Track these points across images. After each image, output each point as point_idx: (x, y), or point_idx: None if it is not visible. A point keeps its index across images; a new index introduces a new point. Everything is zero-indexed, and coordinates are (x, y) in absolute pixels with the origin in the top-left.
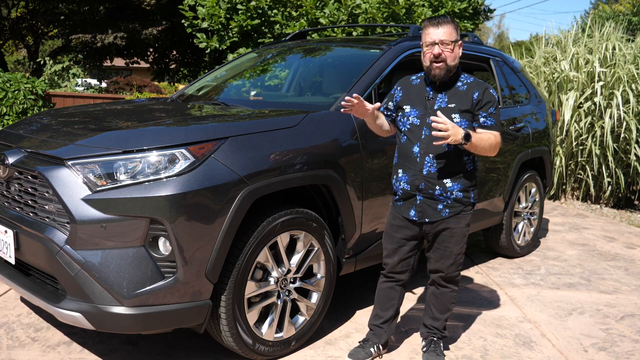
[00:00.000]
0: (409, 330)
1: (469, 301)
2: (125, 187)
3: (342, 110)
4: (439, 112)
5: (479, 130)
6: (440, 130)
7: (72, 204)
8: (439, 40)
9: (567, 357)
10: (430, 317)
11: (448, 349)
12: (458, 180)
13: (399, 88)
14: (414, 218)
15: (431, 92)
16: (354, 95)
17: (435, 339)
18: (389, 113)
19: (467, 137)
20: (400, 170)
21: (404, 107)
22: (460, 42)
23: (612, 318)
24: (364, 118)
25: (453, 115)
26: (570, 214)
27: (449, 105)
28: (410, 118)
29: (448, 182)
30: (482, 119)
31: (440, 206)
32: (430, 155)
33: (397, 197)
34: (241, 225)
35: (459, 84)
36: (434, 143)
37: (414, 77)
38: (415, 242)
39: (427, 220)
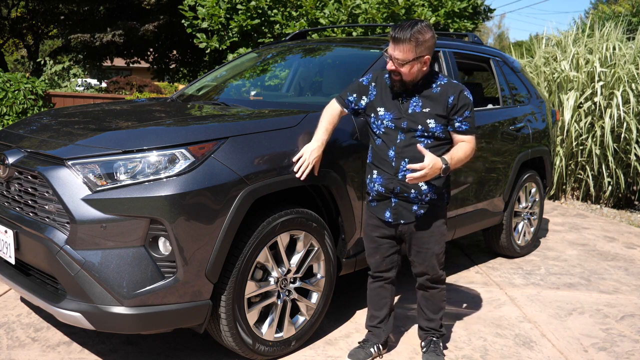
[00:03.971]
0: (409, 330)
1: (469, 301)
2: (125, 187)
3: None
4: (419, 146)
5: (454, 136)
6: (420, 177)
7: (72, 204)
8: (393, 57)
9: (567, 357)
10: (425, 319)
11: (447, 348)
12: (433, 183)
13: (373, 84)
14: (389, 220)
15: (404, 95)
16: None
17: (434, 338)
18: (356, 107)
19: (445, 170)
20: (375, 172)
21: (378, 109)
22: (425, 57)
23: (612, 318)
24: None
25: (428, 121)
26: (570, 214)
27: (424, 110)
28: (384, 122)
29: (423, 185)
30: (457, 124)
31: (415, 207)
32: (406, 159)
33: (370, 197)
34: (241, 225)
35: (433, 85)
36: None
37: (387, 75)
38: (394, 240)
39: (402, 221)
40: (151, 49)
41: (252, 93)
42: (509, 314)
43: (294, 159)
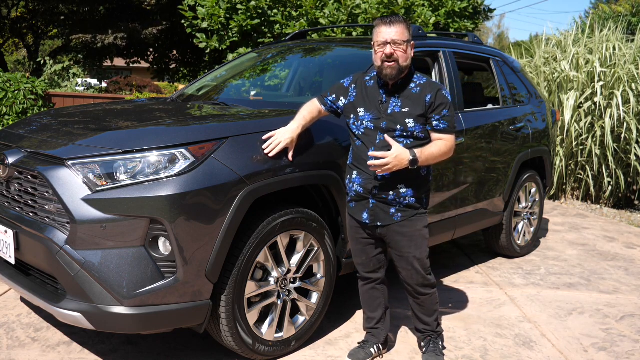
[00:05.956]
0: (409, 330)
1: (469, 301)
2: (125, 187)
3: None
4: (386, 136)
5: (432, 134)
6: (381, 165)
7: (72, 204)
8: (391, 40)
9: (567, 357)
10: (420, 322)
11: (447, 348)
12: (412, 186)
13: (353, 86)
14: (366, 221)
15: (384, 96)
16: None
17: (432, 338)
18: (334, 107)
19: (413, 162)
20: (354, 172)
21: (358, 109)
22: (412, 42)
23: (612, 318)
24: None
25: (407, 120)
26: (570, 214)
27: (403, 110)
28: (364, 122)
29: (402, 188)
30: (434, 122)
31: (392, 210)
32: None
33: (349, 198)
34: (241, 225)
35: (412, 85)
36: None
37: (367, 78)
38: (377, 240)
39: (379, 224)
40: (151, 49)
41: (252, 93)
42: (509, 314)
43: (264, 137)
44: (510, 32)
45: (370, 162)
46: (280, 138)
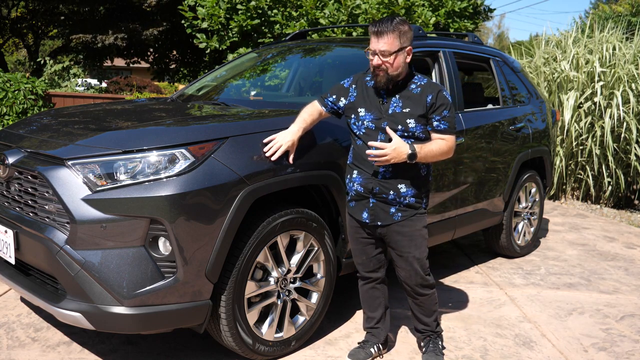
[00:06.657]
0: (409, 330)
1: (469, 301)
2: (125, 187)
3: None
4: (387, 128)
5: (432, 135)
6: (380, 155)
7: (72, 204)
8: (378, 51)
9: (567, 357)
10: (419, 322)
11: (446, 348)
12: (412, 186)
13: (353, 86)
14: (366, 221)
15: (385, 96)
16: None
17: (432, 338)
18: (335, 107)
19: (411, 156)
20: (355, 172)
21: (359, 109)
22: (408, 48)
23: (612, 318)
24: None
25: (408, 121)
26: (570, 214)
27: (404, 110)
28: (365, 122)
29: (403, 188)
30: (435, 123)
31: (392, 209)
32: None
33: (349, 197)
34: (241, 225)
35: (413, 86)
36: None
37: (367, 78)
38: (376, 240)
39: (379, 223)
40: (151, 50)
41: (252, 93)
42: (509, 314)
43: (265, 140)
44: (510, 32)
45: (368, 152)
46: (281, 141)
